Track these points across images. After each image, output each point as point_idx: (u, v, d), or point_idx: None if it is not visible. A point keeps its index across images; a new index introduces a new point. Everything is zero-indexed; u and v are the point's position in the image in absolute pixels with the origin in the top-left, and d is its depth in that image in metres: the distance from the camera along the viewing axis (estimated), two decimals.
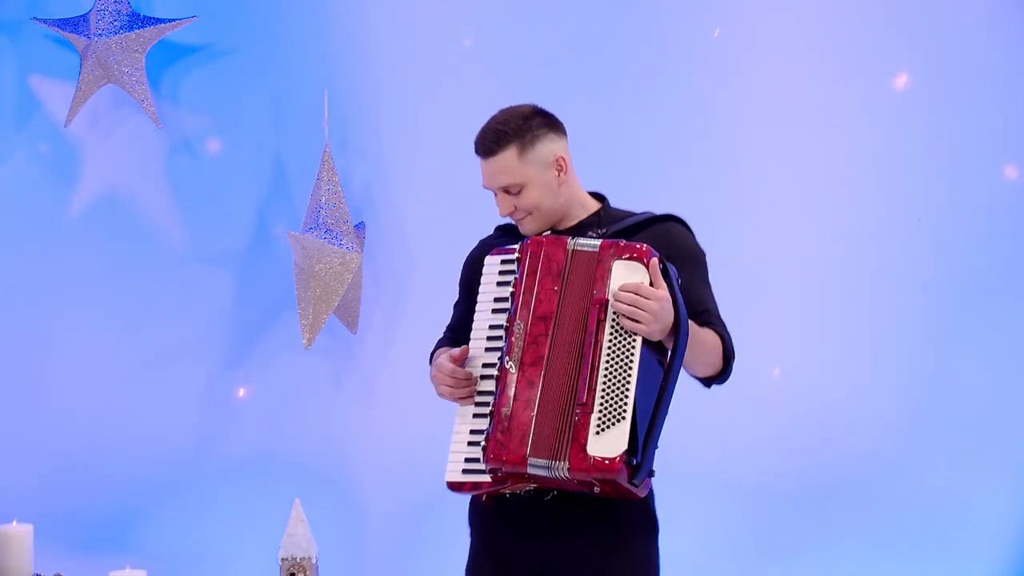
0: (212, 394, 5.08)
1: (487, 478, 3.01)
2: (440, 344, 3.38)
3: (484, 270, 3.11)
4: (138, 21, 4.94)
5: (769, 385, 4.60)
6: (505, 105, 4.43)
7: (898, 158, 4.75)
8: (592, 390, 2.92)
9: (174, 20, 4.97)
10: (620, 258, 2.95)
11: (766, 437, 4.73)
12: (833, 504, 4.77)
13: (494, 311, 3.06)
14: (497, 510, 3.15)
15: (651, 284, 2.92)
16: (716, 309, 3.14)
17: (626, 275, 2.94)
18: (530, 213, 3.15)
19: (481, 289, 3.10)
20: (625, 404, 2.91)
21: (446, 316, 4.76)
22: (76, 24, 4.97)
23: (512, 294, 3.03)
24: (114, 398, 5.09)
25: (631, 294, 2.91)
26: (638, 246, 2.96)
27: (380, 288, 4.99)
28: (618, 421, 2.91)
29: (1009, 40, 4.72)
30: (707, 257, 3.18)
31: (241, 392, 5.05)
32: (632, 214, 3.20)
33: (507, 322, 3.01)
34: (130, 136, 5.10)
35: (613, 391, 2.93)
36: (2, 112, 5.14)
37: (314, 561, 4.17)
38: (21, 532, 4.18)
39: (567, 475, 2.92)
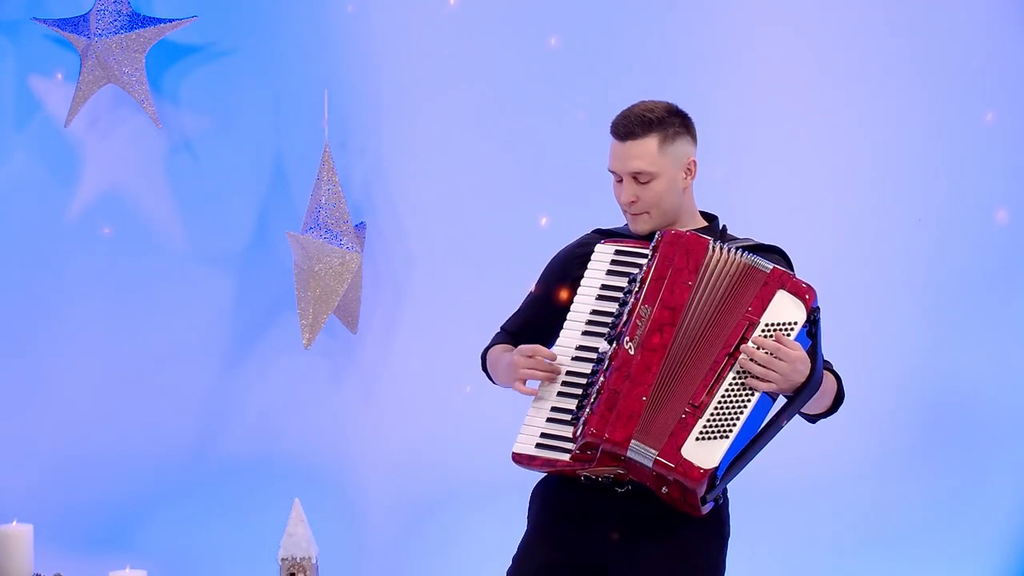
0: (212, 394, 5.08)
1: (565, 457, 3.00)
2: (494, 343, 3.34)
3: (594, 257, 3.11)
4: (138, 21, 4.94)
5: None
6: (505, 106, 4.44)
7: (898, 158, 4.75)
8: (711, 396, 2.94)
9: (174, 20, 4.96)
10: (786, 289, 2.98)
11: None
12: (832, 504, 4.77)
13: (599, 297, 3.07)
14: (564, 496, 3.12)
15: (786, 341, 2.94)
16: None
17: (784, 307, 2.97)
18: (648, 212, 3.15)
19: (587, 275, 3.10)
20: (734, 424, 2.94)
21: (446, 316, 4.77)
22: (76, 24, 4.97)
23: (640, 279, 3.02)
24: (114, 398, 5.09)
25: (767, 354, 2.93)
26: (805, 286, 2.99)
27: (380, 288, 4.99)
28: (720, 437, 2.93)
29: (1009, 39, 4.72)
30: None
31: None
32: (736, 238, 3.21)
33: (631, 306, 3.00)
34: (130, 136, 5.10)
35: (728, 407, 2.94)
36: (2, 112, 5.13)
37: (314, 561, 4.17)
38: (21, 532, 4.18)
39: (650, 463, 2.93)
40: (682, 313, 2.98)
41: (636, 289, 3.02)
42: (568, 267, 3.22)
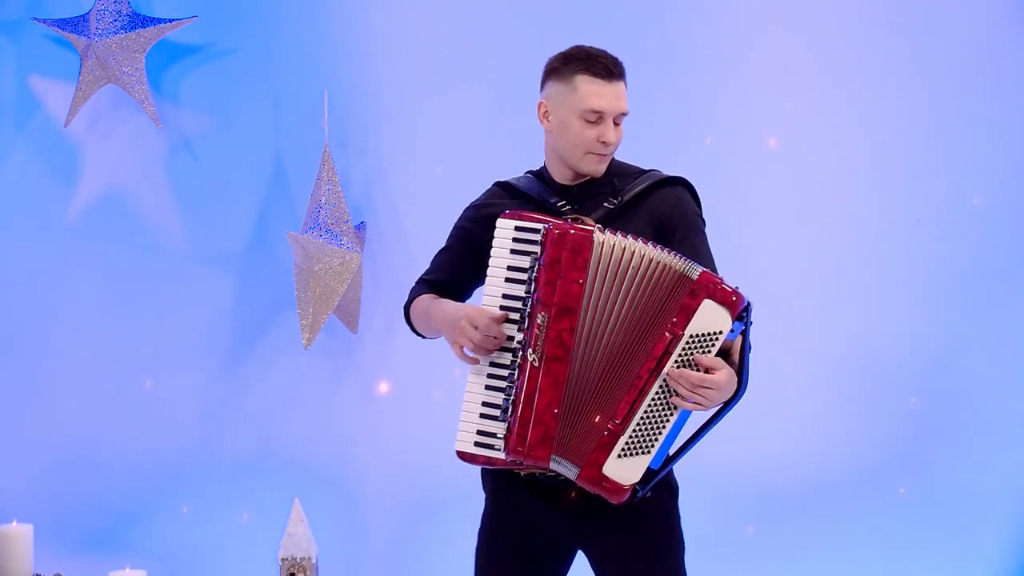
0: (211, 394, 5.08)
1: (501, 455, 3.00)
2: (418, 293, 3.30)
3: (497, 234, 3.04)
4: (138, 21, 4.94)
5: (771, 383, 4.60)
6: (505, 106, 4.43)
7: (898, 158, 4.75)
8: (632, 414, 2.92)
9: (174, 20, 4.97)
10: (714, 299, 2.90)
11: (767, 437, 4.73)
12: (834, 503, 4.78)
13: (507, 280, 3.00)
14: (514, 479, 3.14)
15: (704, 360, 2.90)
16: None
17: (710, 316, 2.89)
18: (609, 153, 3.11)
19: (493, 253, 3.03)
20: (655, 440, 2.92)
21: None
22: (76, 24, 4.97)
23: (535, 280, 2.96)
24: (114, 398, 5.08)
25: (688, 382, 2.88)
26: (733, 291, 2.91)
27: (380, 288, 4.99)
28: (642, 453, 2.93)
29: (1008, 39, 4.72)
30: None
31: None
32: (640, 171, 3.16)
33: (530, 308, 2.96)
34: (130, 136, 5.10)
35: (650, 423, 2.92)
36: (2, 112, 5.13)
37: (314, 561, 4.17)
38: (21, 532, 4.19)
39: (574, 478, 2.95)
40: (580, 314, 2.93)
41: (534, 290, 2.96)
42: (474, 228, 3.19)
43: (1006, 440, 4.74)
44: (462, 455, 3.06)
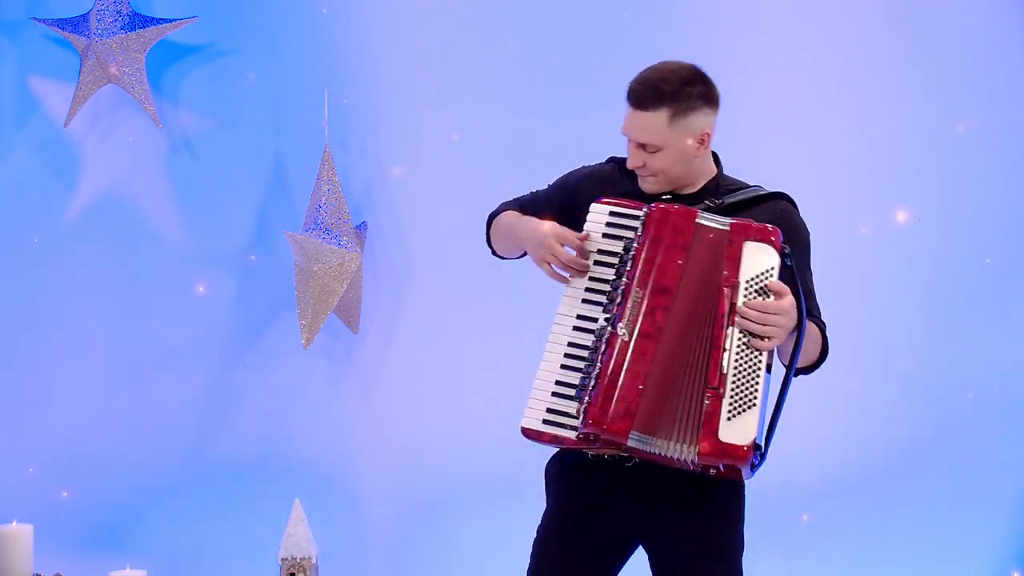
0: (212, 394, 5.08)
1: (571, 435, 2.96)
2: (506, 207, 3.28)
3: (589, 216, 3.04)
4: (138, 21, 4.94)
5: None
6: (506, 106, 4.41)
7: (898, 158, 4.75)
8: (724, 374, 2.88)
9: (174, 20, 4.97)
10: (750, 239, 2.92)
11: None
12: (835, 503, 4.78)
13: (596, 263, 3.01)
14: (579, 475, 3.10)
15: (773, 284, 2.88)
16: (815, 296, 3.09)
17: (756, 257, 2.91)
18: (655, 175, 3.08)
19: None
20: (756, 390, 2.88)
21: (446, 317, 4.76)
22: (76, 24, 4.97)
23: (632, 258, 2.97)
24: (114, 398, 5.08)
25: (758, 312, 2.87)
26: (769, 228, 2.93)
27: (380, 288, 4.99)
28: (749, 407, 2.88)
29: (1008, 37, 4.73)
30: None
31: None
32: (743, 185, 3.15)
33: (623, 286, 2.96)
34: (130, 136, 5.10)
35: (744, 376, 2.89)
36: (2, 112, 5.13)
37: (314, 561, 4.17)
38: (21, 532, 4.19)
39: (695, 459, 2.88)
40: (674, 295, 2.94)
41: (628, 269, 2.97)
42: (576, 197, 3.16)
43: (1007, 439, 4.74)
44: (527, 432, 3.00)
